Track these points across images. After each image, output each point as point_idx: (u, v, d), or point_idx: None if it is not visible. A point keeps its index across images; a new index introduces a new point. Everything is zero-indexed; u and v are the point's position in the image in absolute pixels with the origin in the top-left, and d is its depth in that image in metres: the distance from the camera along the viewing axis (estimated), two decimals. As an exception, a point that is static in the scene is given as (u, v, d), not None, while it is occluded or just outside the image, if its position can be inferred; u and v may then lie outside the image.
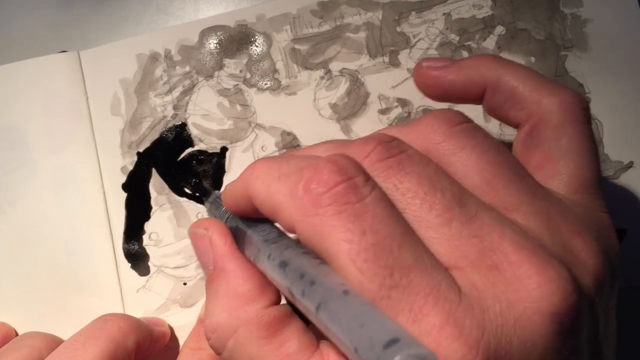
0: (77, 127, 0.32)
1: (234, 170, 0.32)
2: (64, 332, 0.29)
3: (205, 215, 0.31)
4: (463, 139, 0.19)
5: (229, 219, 0.23)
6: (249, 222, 0.22)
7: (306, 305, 0.16)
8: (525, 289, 0.16)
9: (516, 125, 0.23)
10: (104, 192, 0.32)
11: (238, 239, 0.22)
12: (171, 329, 0.30)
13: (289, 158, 0.19)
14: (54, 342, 0.27)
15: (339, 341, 0.15)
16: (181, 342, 0.30)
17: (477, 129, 0.20)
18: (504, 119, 0.23)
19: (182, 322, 0.31)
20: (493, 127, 0.31)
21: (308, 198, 0.17)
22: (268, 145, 0.32)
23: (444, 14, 0.32)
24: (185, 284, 0.31)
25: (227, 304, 0.20)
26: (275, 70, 0.32)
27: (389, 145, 0.18)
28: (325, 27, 0.32)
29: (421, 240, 0.17)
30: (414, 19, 0.32)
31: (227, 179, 0.32)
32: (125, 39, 0.33)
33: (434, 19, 0.32)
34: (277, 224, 0.20)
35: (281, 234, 0.20)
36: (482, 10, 0.32)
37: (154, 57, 0.33)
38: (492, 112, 0.23)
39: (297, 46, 0.32)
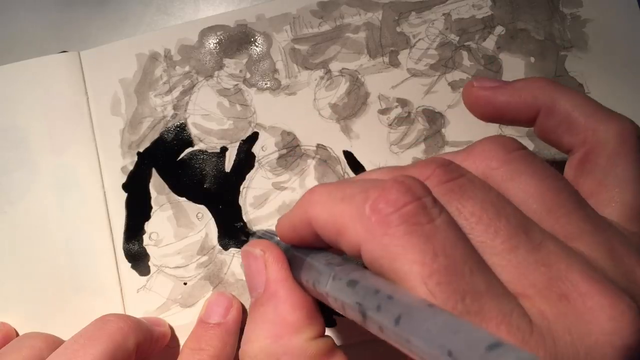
0: (78, 127, 0.32)
1: (234, 170, 0.32)
2: (65, 332, 0.29)
3: (207, 216, 0.31)
4: (521, 165, 0.19)
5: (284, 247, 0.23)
6: (306, 251, 0.21)
7: (381, 319, 0.16)
8: (597, 321, 0.15)
9: (568, 151, 0.22)
10: (104, 192, 0.32)
11: (293, 267, 0.21)
12: (171, 328, 0.31)
13: (349, 181, 0.19)
14: (55, 343, 0.27)
15: (423, 351, 0.14)
16: (181, 342, 0.30)
17: (534, 155, 0.19)
18: (556, 143, 0.23)
19: (183, 322, 0.31)
20: (492, 129, 0.31)
21: (376, 218, 0.16)
22: (268, 145, 0.32)
23: (443, 14, 0.32)
24: (185, 283, 0.31)
25: (272, 330, 0.20)
26: (275, 70, 0.32)
27: (448, 168, 0.18)
28: (325, 27, 0.32)
29: (489, 266, 0.16)
30: (414, 19, 0.32)
31: (227, 179, 0.32)
32: (125, 39, 0.33)
33: (433, 19, 0.32)
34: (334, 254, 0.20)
35: (345, 260, 0.20)
36: (482, 11, 0.32)
37: (154, 57, 0.33)
38: (543, 135, 0.23)
39: (297, 46, 0.32)
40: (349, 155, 0.31)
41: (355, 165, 0.31)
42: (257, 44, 0.33)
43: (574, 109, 0.22)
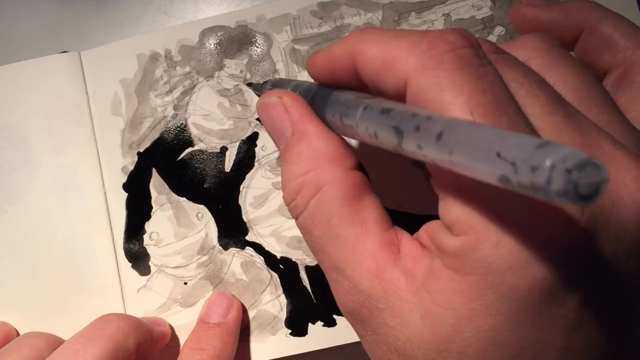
0: (78, 127, 0.32)
1: (234, 170, 0.32)
2: (65, 332, 0.29)
3: (207, 215, 0.31)
4: (561, 57, 0.20)
5: (300, 92, 0.23)
6: (329, 89, 0.22)
7: (420, 138, 0.16)
8: (622, 181, 0.16)
9: (605, 71, 0.23)
10: (105, 192, 0.32)
11: (314, 107, 0.22)
12: (172, 328, 0.31)
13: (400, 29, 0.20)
14: (55, 342, 0.27)
15: (469, 157, 0.14)
16: (182, 341, 0.31)
17: (571, 54, 0.20)
18: (594, 62, 0.24)
19: (183, 322, 0.31)
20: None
21: (432, 52, 0.17)
22: (268, 145, 0.32)
23: (443, 14, 0.32)
24: (185, 283, 0.31)
25: (311, 164, 0.20)
26: (276, 71, 0.32)
27: (495, 45, 0.19)
28: (325, 28, 0.32)
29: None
30: (414, 19, 0.32)
31: (227, 179, 0.32)
32: (125, 39, 0.33)
33: (433, 19, 0.32)
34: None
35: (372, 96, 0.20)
36: (482, 11, 0.32)
37: (154, 57, 0.33)
38: (583, 54, 0.24)
39: (297, 47, 0.32)
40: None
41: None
42: (257, 44, 0.33)
43: (616, 30, 0.23)
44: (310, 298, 0.31)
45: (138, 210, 0.32)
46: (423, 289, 0.17)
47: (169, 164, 0.32)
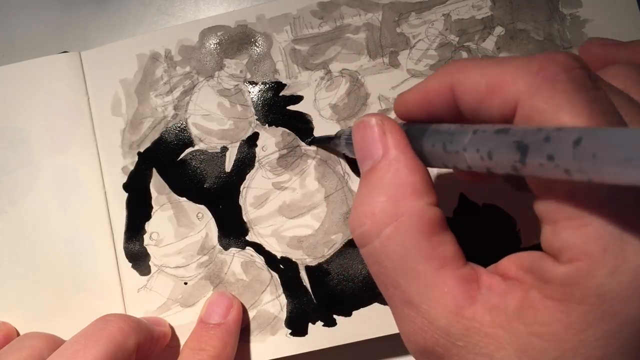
0: (78, 127, 0.32)
1: (234, 170, 0.32)
2: (65, 332, 0.29)
3: (207, 215, 0.31)
4: None
5: None
6: (424, 123, 0.21)
7: (551, 148, 0.15)
8: None
9: None
10: (105, 192, 0.32)
11: (410, 137, 0.21)
12: (172, 328, 0.31)
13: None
14: (55, 343, 0.27)
15: (618, 164, 0.13)
16: (182, 341, 0.31)
17: None
18: None
19: (183, 322, 0.31)
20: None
21: (544, 74, 0.17)
22: (268, 145, 0.32)
23: (443, 14, 0.32)
24: (186, 283, 0.31)
25: (393, 192, 0.20)
26: (276, 71, 0.32)
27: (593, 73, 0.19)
28: (326, 28, 0.32)
29: None
30: (414, 19, 0.32)
31: (227, 179, 0.32)
32: (126, 39, 0.33)
33: (433, 19, 0.32)
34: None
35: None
36: (482, 11, 0.32)
37: (154, 58, 0.33)
38: None
39: (297, 47, 0.32)
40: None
41: (356, 166, 0.31)
42: (257, 44, 0.33)
43: None
44: (310, 298, 0.31)
45: (138, 210, 0.32)
46: (517, 323, 0.17)
47: (169, 164, 0.32)
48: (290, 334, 0.30)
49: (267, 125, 0.32)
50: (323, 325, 0.30)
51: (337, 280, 0.31)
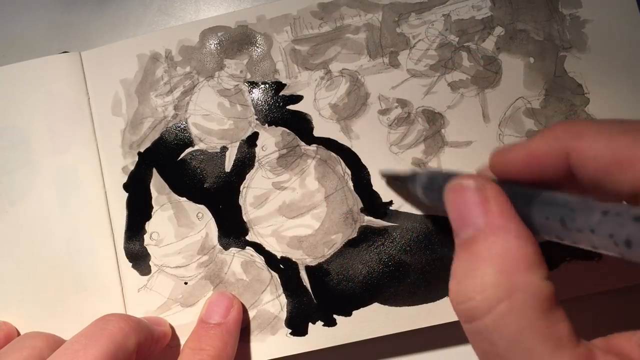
0: (79, 127, 0.32)
1: (234, 170, 0.32)
2: (66, 332, 0.29)
3: (207, 215, 0.31)
4: None
5: None
6: (529, 188, 0.20)
7: None
8: None
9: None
10: (105, 192, 0.32)
11: (514, 203, 0.20)
12: (172, 328, 0.31)
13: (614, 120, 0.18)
14: (55, 343, 0.27)
15: None
16: (182, 341, 0.31)
17: None
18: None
19: (183, 322, 0.31)
20: (491, 128, 0.31)
21: None
22: (268, 145, 0.32)
23: (443, 15, 0.32)
24: (186, 283, 0.31)
25: (503, 265, 0.18)
26: (276, 71, 0.32)
27: None
28: (326, 28, 0.33)
29: None
30: (414, 20, 0.32)
31: (227, 179, 0.32)
32: (126, 39, 0.33)
33: (433, 20, 0.32)
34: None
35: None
36: (482, 12, 0.32)
37: (154, 58, 0.33)
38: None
39: (297, 47, 0.32)
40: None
41: (356, 166, 0.31)
42: (257, 44, 0.33)
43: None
44: (310, 298, 0.31)
45: (138, 210, 0.32)
46: None
47: (169, 164, 0.32)
48: (290, 333, 0.30)
49: (267, 125, 0.32)
50: (323, 325, 0.30)
51: (337, 280, 0.31)
